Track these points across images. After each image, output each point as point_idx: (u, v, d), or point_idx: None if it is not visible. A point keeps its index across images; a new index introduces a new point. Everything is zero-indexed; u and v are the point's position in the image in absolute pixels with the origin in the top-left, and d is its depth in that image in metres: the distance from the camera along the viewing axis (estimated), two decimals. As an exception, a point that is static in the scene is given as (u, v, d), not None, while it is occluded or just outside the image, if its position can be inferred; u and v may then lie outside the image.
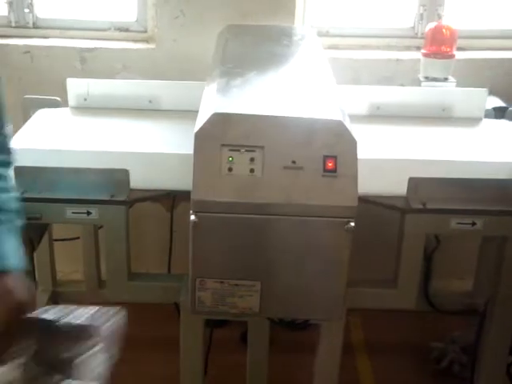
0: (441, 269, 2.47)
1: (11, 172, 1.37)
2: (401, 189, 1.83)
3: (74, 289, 2.78)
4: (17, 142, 1.92)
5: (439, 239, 2.34)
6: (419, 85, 2.54)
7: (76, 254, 2.78)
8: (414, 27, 2.86)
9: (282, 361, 2.57)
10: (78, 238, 2.64)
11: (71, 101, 2.28)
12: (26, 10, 2.79)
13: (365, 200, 1.78)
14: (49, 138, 2.00)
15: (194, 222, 1.54)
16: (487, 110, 2.30)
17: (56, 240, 2.66)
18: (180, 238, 2.29)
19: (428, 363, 2.69)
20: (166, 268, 2.46)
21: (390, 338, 2.87)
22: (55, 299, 2.74)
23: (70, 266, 2.98)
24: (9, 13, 2.80)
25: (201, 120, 1.57)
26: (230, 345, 2.66)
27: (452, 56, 2.56)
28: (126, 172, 1.82)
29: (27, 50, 2.71)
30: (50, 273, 2.67)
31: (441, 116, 2.26)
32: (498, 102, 2.46)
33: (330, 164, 1.54)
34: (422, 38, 2.75)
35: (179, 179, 1.75)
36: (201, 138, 1.54)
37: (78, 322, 1.28)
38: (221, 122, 1.55)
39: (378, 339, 2.87)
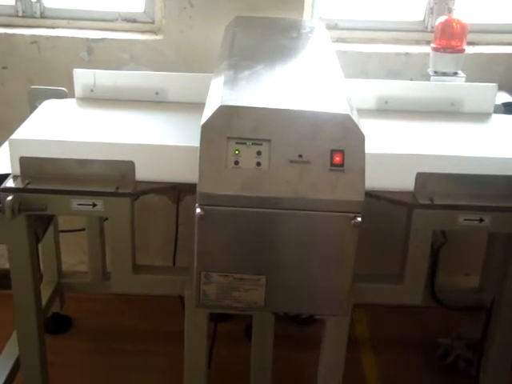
0: (447, 265, 2.46)
1: None
2: (408, 184, 1.83)
3: (79, 280, 2.79)
4: (23, 133, 1.92)
5: (446, 235, 2.33)
6: (428, 79, 2.52)
7: (81, 245, 2.79)
8: (424, 21, 2.84)
9: (287, 355, 2.57)
10: (83, 229, 2.64)
11: (78, 92, 2.27)
12: (34, 0, 2.78)
13: (372, 195, 1.77)
14: (55, 129, 1.99)
15: (200, 215, 1.54)
16: (497, 106, 2.28)
17: (61, 231, 2.66)
18: (185, 230, 2.28)
19: (434, 359, 2.68)
20: (171, 261, 2.45)
21: (396, 334, 2.87)
22: (60, 290, 2.74)
23: (75, 257, 2.99)
24: (16, 2, 2.79)
25: (207, 112, 1.56)
26: (235, 339, 2.66)
27: (462, 50, 2.53)
28: (131, 164, 1.82)
29: (34, 41, 2.70)
30: (55, 264, 2.68)
31: (450, 111, 2.25)
32: (507, 98, 2.45)
33: (337, 158, 1.53)
34: (431, 31, 2.73)
35: (185, 172, 1.74)
36: (207, 130, 1.53)
37: None
38: (227, 114, 1.54)
39: (383, 335, 2.86)
